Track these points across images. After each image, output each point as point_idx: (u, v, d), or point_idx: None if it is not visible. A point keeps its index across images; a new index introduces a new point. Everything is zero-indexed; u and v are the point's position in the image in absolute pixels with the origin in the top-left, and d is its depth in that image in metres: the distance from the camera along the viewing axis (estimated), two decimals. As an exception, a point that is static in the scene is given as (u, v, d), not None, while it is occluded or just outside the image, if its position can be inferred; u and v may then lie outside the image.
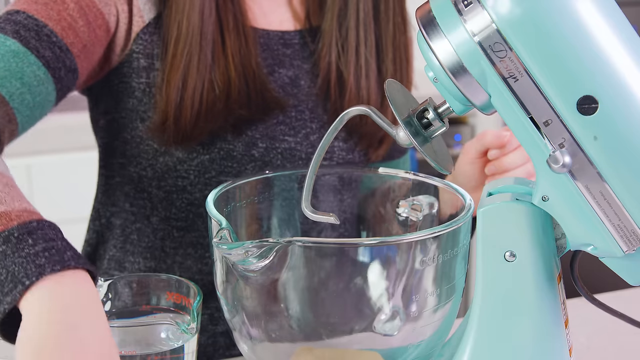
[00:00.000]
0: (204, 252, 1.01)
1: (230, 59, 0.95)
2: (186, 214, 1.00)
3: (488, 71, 0.57)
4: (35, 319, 0.58)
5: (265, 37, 1.01)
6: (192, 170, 0.98)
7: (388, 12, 1.02)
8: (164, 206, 1.00)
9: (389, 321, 0.67)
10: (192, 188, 0.99)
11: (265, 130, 0.99)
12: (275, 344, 0.69)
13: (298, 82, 1.01)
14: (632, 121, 0.56)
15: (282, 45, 1.02)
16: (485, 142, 0.96)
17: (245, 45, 0.97)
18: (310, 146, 1.00)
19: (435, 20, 0.58)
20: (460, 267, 0.69)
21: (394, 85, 0.68)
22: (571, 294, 0.71)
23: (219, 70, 0.95)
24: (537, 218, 0.62)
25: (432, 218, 0.80)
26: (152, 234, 1.02)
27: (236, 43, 0.96)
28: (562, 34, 0.55)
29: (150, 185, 1.00)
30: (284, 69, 1.01)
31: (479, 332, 0.65)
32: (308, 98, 1.01)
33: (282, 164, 1.00)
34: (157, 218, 1.01)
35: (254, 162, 0.99)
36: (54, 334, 0.57)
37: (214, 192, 0.72)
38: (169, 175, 0.99)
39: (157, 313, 0.76)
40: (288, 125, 0.99)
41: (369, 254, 0.66)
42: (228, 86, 0.95)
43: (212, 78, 0.94)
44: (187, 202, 1.00)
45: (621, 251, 0.59)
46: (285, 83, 1.00)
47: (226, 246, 0.61)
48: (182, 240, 1.01)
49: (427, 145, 0.66)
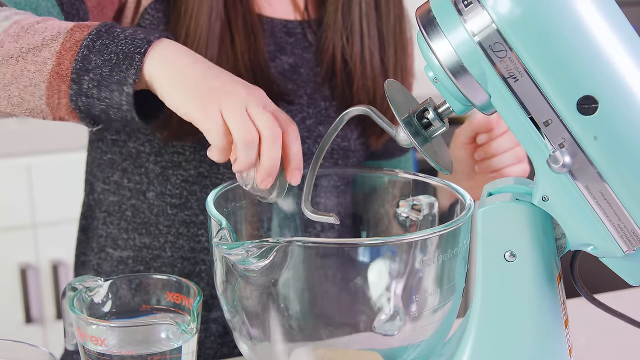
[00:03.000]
0: (196, 230, 1.02)
1: (240, 56, 0.97)
2: (180, 191, 1.02)
3: (488, 71, 0.57)
4: (171, 68, 0.72)
5: (269, 24, 1.03)
6: (189, 147, 1.00)
7: (388, 5, 1.04)
8: (160, 181, 1.02)
9: (389, 321, 0.67)
10: (187, 164, 1.00)
11: None
12: (275, 344, 0.69)
13: (298, 70, 1.03)
14: (632, 121, 0.56)
15: (285, 33, 1.04)
16: (473, 126, 0.98)
17: (254, 41, 0.99)
18: (306, 130, 1.02)
19: (435, 20, 0.58)
20: (460, 267, 0.69)
21: (394, 85, 0.68)
22: (571, 294, 0.71)
23: (228, 66, 0.96)
24: (537, 218, 0.62)
25: (432, 218, 0.80)
26: (148, 209, 1.03)
27: (245, 41, 0.98)
28: (562, 34, 0.55)
29: (147, 161, 1.02)
30: (285, 56, 1.03)
31: (479, 332, 0.65)
32: (307, 84, 1.03)
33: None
34: (153, 194, 1.03)
35: None
36: (200, 67, 0.73)
37: (214, 192, 0.72)
38: (165, 151, 1.00)
39: (157, 313, 0.76)
40: (285, 108, 1.01)
41: (369, 254, 0.66)
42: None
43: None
44: (181, 178, 1.01)
45: (621, 251, 0.59)
46: (285, 69, 1.02)
47: (226, 246, 0.61)
48: (175, 218, 1.03)
49: (427, 145, 0.66)
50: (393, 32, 1.05)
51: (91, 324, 0.70)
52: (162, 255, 1.01)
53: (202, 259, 1.01)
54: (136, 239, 1.03)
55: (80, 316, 0.70)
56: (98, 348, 0.69)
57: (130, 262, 1.03)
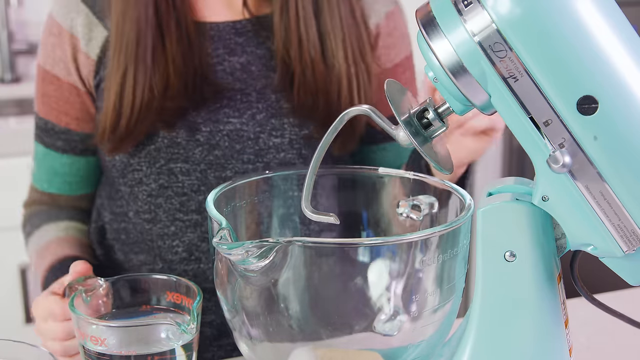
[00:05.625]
0: (170, 242, 1.04)
1: (170, 60, 1.00)
2: (148, 206, 1.05)
3: (488, 71, 0.57)
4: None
5: (215, 29, 1.05)
6: (143, 162, 1.03)
7: (332, 6, 1.03)
8: (133, 200, 1.05)
9: (389, 321, 0.67)
10: (147, 179, 1.03)
11: (208, 115, 1.02)
12: (275, 344, 0.69)
13: (249, 68, 1.05)
14: (632, 121, 0.56)
15: (235, 34, 1.05)
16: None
17: (187, 44, 1.01)
18: (257, 125, 1.03)
19: (435, 20, 0.58)
20: (460, 267, 0.69)
21: (394, 85, 0.68)
22: (571, 294, 0.71)
23: (159, 72, 0.99)
24: (537, 218, 0.62)
25: (432, 218, 0.80)
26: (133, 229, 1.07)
27: (177, 45, 1.00)
28: (562, 34, 0.55)
29: (119, 183, 1.06)
30: (236, 57, 1.04)
31: (479, 332, 0.65)
32: (257, 81, 1.04)
33: (230, 145, 1.02)
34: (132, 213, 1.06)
35: (200, 146, 1.02)
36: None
37: (214, 192, 0.72)
38: (127, 170, 1.04)
39: (157, 313, 0.76)
40: (232, 107, 1.03)
41: (369, 254, 0.66)
42: (166, 87, 1.00)
43: (151, 83, 0.99)
44: (146, 193, 1.04)
45: (621, 251, 0.59)
46: (235, 69, 1.04)
47: (226, 246, 0.61)
48: (151, 233, 1.05)
49: (427, 145, 0.66)
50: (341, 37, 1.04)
51: (91, 324, 0.70)
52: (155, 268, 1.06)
53: (184, 270, 1.04)
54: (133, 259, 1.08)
55: (80, 316, 0.70)
56: (98, 348, 0.69)
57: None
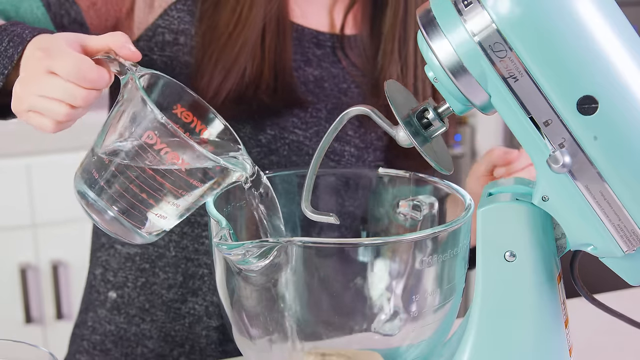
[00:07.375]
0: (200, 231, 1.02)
1: (267, 54, 0.98)
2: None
3: (488, 71, 0.57)
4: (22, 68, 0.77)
5: (299, 32, 1.03)
6: None
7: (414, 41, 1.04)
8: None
9: (389, 321, 0.67)
10: None
11: (277, 119, 1.01)
12: (275, 344, 0.69)
13: (322, 84, 1.03)
14: (632, 121, 0.56)
15: (315, 44, 1.04)
16: (492, 159, 0.97)
17: (282, 45, 1.00)
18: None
19: (435, 20, 0.58)
20: (460, 267, 0.69)
21: (394, 85, 0.68)
22: (571, 294, 0.71)
23: (254, 62, 0.97)
24: (537, 218, 0.62)
25: (432, 218, 0.80)
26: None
27: (273, 42, 0.99)
28: (562, 34, 0.55)
29: None
30: (311, 68, 1.03)
31: (479, 332, 0.65)
32: (328, 100, 1.02)
33: (288, 155, 1.00)
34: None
35: (259, 147, 1.00)
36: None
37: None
38: None
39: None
40: (302, 119, 1.01)
41: (369, 254, 0.66)
42: (259, 78, 0.98)
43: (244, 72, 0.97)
44: None
45: (621, 251, 0.59)
46: (309, 81, 1.02)
47: (226, 246, 0.61)
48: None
49: (427, 145, 0.66)
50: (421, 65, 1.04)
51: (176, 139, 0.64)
52: (166, 254, 1.02)
53: (205, 263, 1.01)
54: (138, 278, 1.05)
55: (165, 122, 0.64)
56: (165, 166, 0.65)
57: (138, 259, 1.03)
